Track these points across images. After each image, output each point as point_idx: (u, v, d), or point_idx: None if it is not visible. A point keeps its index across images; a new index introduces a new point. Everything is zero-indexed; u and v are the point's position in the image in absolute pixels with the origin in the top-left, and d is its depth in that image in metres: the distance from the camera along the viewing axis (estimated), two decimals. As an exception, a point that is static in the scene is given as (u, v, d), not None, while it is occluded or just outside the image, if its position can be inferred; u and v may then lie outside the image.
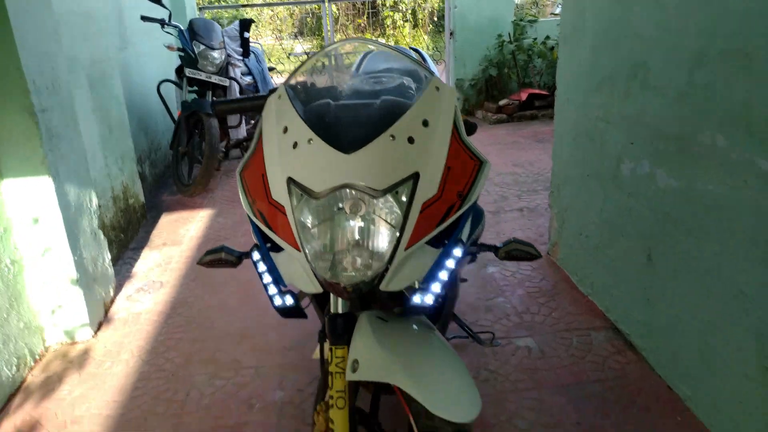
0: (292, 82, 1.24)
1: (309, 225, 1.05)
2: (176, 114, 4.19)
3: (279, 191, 1.07)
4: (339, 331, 1.18)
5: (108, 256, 2.71)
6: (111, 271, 2.75)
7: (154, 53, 4.58)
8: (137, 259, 3.25)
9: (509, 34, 6.19)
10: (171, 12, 4.03)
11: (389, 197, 1.02)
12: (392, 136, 1.05)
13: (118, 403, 2.07)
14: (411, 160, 1.05)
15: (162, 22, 3.90)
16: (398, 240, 1.03)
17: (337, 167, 1.02)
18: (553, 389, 2.00)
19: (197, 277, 2.99)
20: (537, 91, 6.12)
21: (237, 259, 1.26)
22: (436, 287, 1.07)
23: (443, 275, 1.08)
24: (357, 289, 1.05)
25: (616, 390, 1.99)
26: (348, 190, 1.01)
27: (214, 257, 1.25)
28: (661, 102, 1.87)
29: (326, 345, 1.28)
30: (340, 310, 1.21)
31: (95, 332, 2.48)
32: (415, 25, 13.64)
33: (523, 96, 6.00)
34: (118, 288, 2.87)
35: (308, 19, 13.42)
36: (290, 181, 1.05)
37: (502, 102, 6.12)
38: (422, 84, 1.18)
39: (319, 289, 1.07)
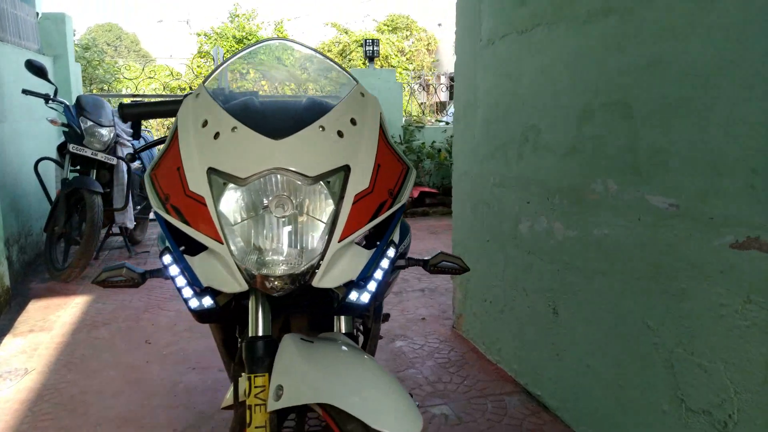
0: (213, 87, 1.19)
1: (233, 215, 0.97)
2: (54, 194, 3.87)
3: (198, 182, 0.98)
4: (259, 355, 1.06)
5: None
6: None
7: (34, 131, 4.30)
8: (-4, 347, 2.82)
9: (400, 136, 6.59)
10: (57, 88, 3.85)
11: (322, 185, 0.98)
12: (322, 127, 1.03)
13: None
14: (341, 152, 1.02)
15: (46, 98, 3.71)
16: (331, 231, 0.98)
17: (266, 153, 0.97)
18: (471, 452, 1.93)
19: (70, 362, 2.62)
20: (428, 189, 6.47)
21: (140, 276, 1.12)
22: (371, 285, 1.02)
23: (378, 274, 1.03)
24: (288, 284, 0.97)
25: (533, 449, 1.95)
26: (277, 176, 0.96)
27: (113, 274, 1.11)
28: (552, 159, 2.03)
29: (242, 378, 1.14)
30: (260, 333, 1.10)
31: (-65, 427, 2.06)
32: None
33: (415, 194, 6.28)
34: (-31, 378, 2.44)
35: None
36: (211, 171, 0.98)
37: (395, 199, 6.35)
38: (347, 89, 1.18)
39: (244, 287, 0.97)
